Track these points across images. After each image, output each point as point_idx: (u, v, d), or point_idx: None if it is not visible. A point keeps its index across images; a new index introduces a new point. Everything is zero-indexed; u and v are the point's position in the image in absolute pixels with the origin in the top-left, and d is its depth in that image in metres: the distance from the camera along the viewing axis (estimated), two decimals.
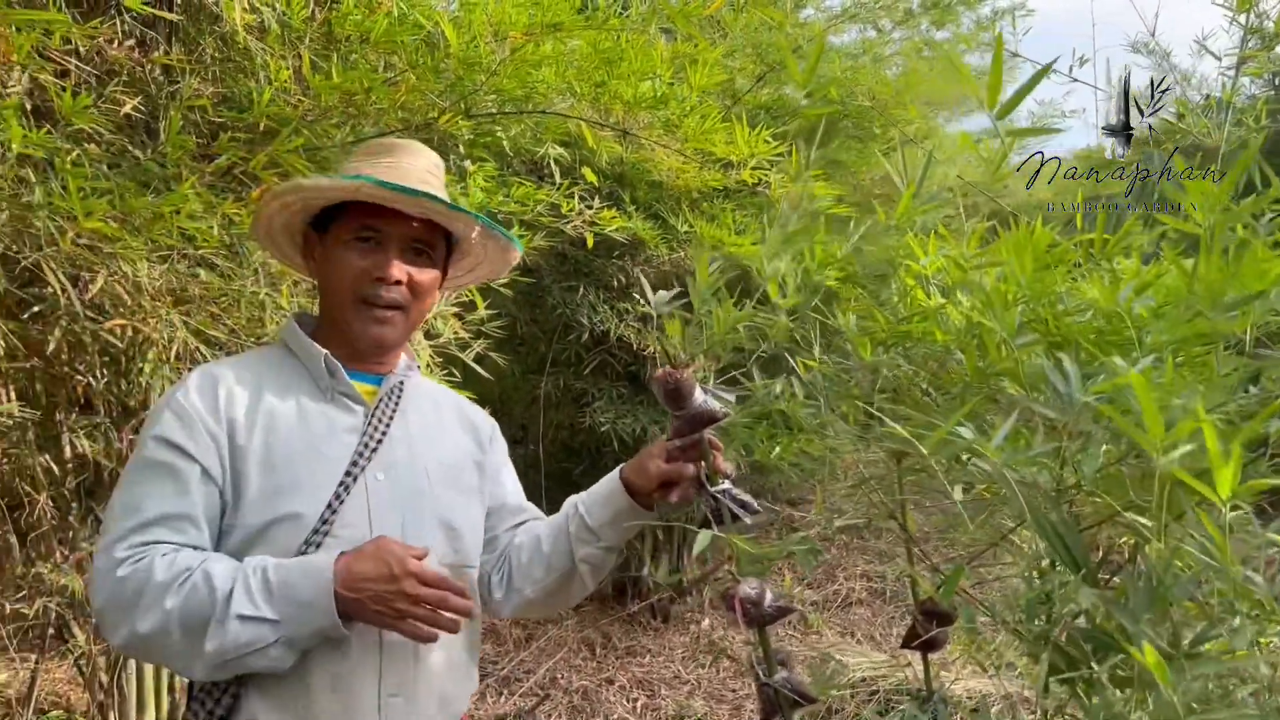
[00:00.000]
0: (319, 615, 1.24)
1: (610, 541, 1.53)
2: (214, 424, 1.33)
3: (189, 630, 1.20)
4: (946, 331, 1.34)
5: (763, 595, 1.29)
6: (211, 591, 1.21)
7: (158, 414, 1.34)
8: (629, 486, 1.50)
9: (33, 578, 2.48)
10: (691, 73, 2.48)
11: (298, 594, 1.24)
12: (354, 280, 1.42)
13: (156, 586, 1.20)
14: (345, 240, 1.43)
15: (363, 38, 2.47)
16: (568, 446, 5.33)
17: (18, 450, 2.29)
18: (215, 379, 1.38)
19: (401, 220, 1.42)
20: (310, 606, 1.24)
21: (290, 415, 1.37)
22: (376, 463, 1.39)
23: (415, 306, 1.47)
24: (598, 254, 4.38)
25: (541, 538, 1.57)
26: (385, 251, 1.43)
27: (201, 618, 1.20)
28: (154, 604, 1.20)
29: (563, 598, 1.61)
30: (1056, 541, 0.91)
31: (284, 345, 1.49)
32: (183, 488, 1.29)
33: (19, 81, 2.08)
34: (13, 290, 2.04)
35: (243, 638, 1.21)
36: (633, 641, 4.91)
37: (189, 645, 1.21)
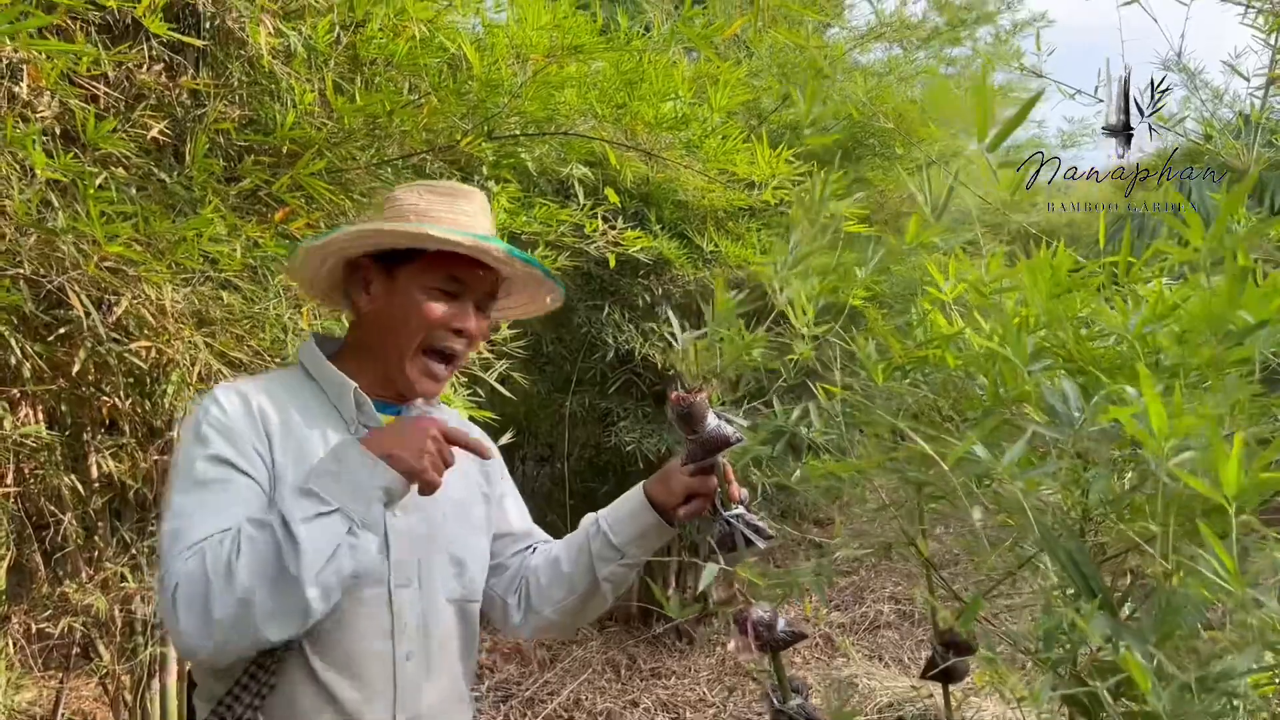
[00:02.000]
0: (371, 477, 1.22)
1: (634, 559, 1.52)
2: (256, 440, 1.32)
3: (268, 579, 1.15)
4: (963, 357, 1.32)
5: (775, 620, 1.28)
6: (265, 529, 1.17)
7: (199, 432, 1.31)
8: (654, 501, 1.49)
9: (59, 597, 2.50)
10: (713, 93, 2.48)
11: (340, 474, 1.22)
12: (430, 327, 1.40)
13: (217, 564, 1.16)
14: (428, 286, 1.41)
15: (387, 61, 2.49)
16: (593, 465, 5.33)
17: (44, 471, 2.32)
18: (246, 397, 1.36)
19: (483, 275, 1.43)
20: (356, 478, 1.22)
21: (317, 445, 1.35)
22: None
23: (464, 357, 1.49)
24: (623, 273, 4.38)
25: (560, 558, 1.56)
26: (465, 304, 1.43)
27: (273, 558, 1.16)
28: (225, 580, 1.15)
29: (583, 616, 1.60)
30: (1072, 569, 0.89)
31: (303, 369, 1.47)
32: (234, 501, 1.26)
33: (48, 106, 2.12)
34: (39, 313, 2.06)
35: (320, 541, 1.16)
36: (657, 663, 4.88)
37: (278, 596, 1.15)
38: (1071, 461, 1.14)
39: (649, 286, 4.56)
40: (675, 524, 1.50)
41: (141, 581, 2.57)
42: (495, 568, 1.59)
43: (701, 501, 1.43)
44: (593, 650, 4.96)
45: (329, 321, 2.51)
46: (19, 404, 2.26)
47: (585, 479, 5.31)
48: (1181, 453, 0.77)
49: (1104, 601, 0.88)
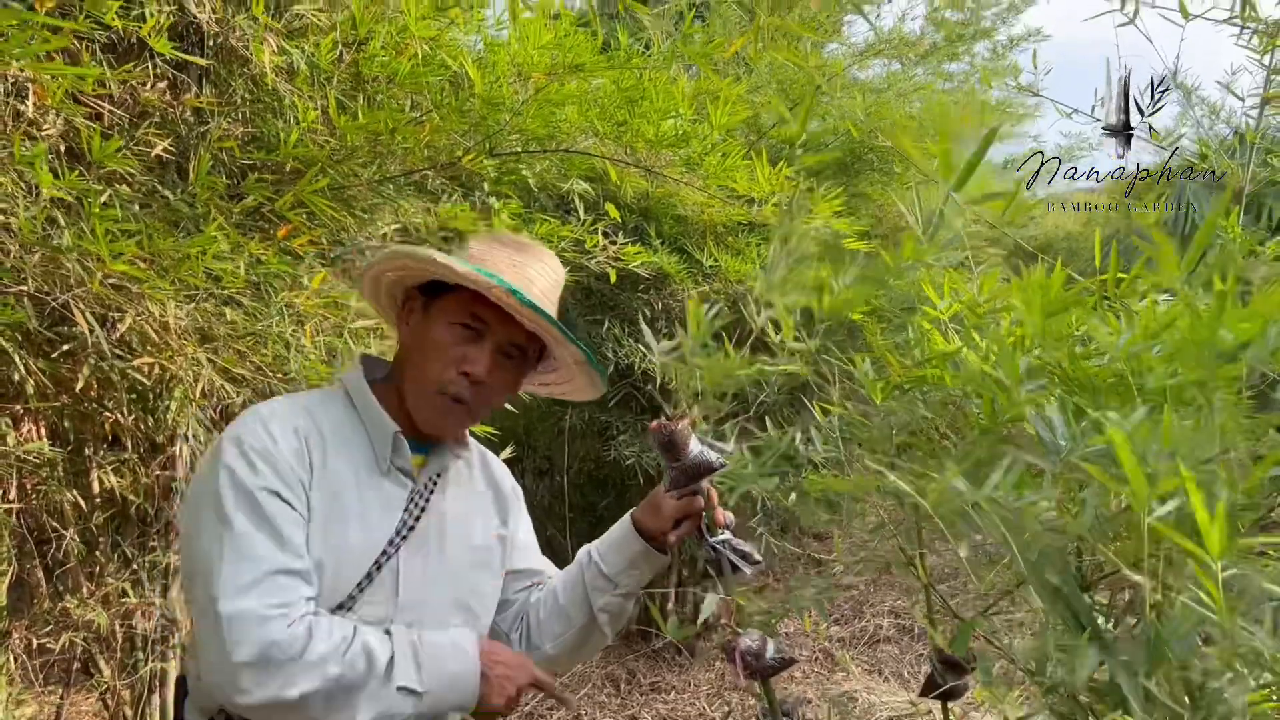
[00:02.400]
0: (461, 691, 1.30)
1: (628, 588, 1.52)
2: (302, 472, 1.32)
3: (334, 699, 1.21)
4: (959, 377, 1.34)
5: (764, 648, 1.28)
6: (370, 662, 1.24)
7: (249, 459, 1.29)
8: (641, 529, 1.50)
9: (60, 612, 2.51)
10: (713, 111, 2.50)
11: (446, 668, 1.30)
12: (442, 366, 1.40)
13: (318, 655, 1.20)
14: (448, 322, 1.41)
15: (389, 78, 2.51)
16: (593, 478, 5.33)
17: (46, 486, 2.33)
18: (293, 426, 1.36)
19: (510, 324, 1.40)
20: (455, 682, 1.30)
21: (349, 482, 1.36)
22: (412, 542, 1.40)
23: (483, 409, 1.45)
24: (622, 288, 4.40)
25: (557, 592, 1.57)
26: (483, 346, 1.41)
27: (355, 687, 1.22)
28: (315, 669, 1.20)
29: (583, 651, 1.60)
30: (1057, 602, 0.90)
31: (346, 397, 1.46)
32: (293, 540, 1.27)
33: (53, 124, 2.14)
34: (42, 330, 2.08)
35: (394, 707, 1.24)
36: (657, 678, 4.87)
37: (328, 714, 1.21)
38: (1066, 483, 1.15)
39: (649, 301, 4.57)
40: (665, 551, 1.50)
41: (142, 597, 2.57)
42: (501, 604, 1.60)
43: (689, 525, 1.44)
44: (592, 665, 4.95)
45: (331, 338, 2.53)
46: (22, 420, 2.27)
47: (585, 493, 5.31)
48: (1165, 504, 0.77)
49: (1093, 633, 0.88)
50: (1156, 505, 0.80)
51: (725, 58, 2.10)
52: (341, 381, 1.49)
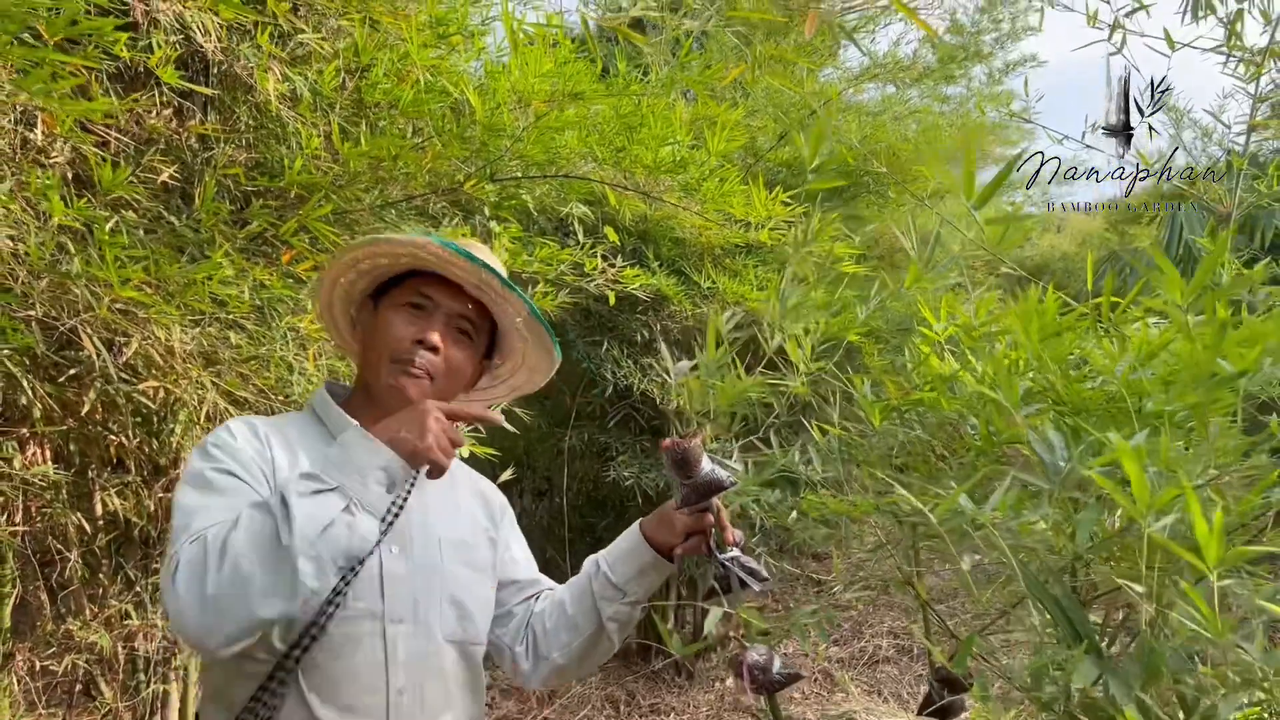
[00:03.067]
0: (369, 457, 1.22)
1: (636, 596, 1.53)
2: (263, 464, 1.35)
3: (263, 551, 1.14)
4: (956, 400, 1.36)
5: (771, 662, 1.30)
6: (263, 508, 1.18)
7: (206, 452, 1.34)
8: (651, 540, 1.51)
9: (63, 634, 2.51)
10: (710, 137, 2.54)
11: (340, 458, 1.22)
12: (395, 342, 1.44)
13: (215, 542, 1.16)
14: (397, 304, 1.47)
15: (392, 105, 2.55)
16: (592, 499, 5.34)
17: (51, 509, 2.34)
18: (254, 427, 1.41)
19: (454, 295, 1.46)
20: (353, 459, 1.22)
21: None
22: (393, 536, 1.40)
23: (444, 380, 1.48)
24: (621, 309, 4.43)
25: (565, 602, 1.57)
26: (431, 319, 1.46)
27: (268, 530, 1.15)
28: (220, 555, 1.14)
29: (591, 660, 1.60)
30: (1057, 614, 0.92)
31: (313, 413, 1.51)
32: (234, 500, 1.26)
33: (61, 152, 2.17)
34: (50, 354, 2.10)
35: (317, 515, 1.16)
36: (656, 699, 4.86)
37: (269, 565, 1.14)
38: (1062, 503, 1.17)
39: (647, 322, 4.60)
40: (674, 561, 1.52)
41: (145, 619, 2.58)
42: (502, 616, 1.61)
43: (696, 541, 1.46)
44: (592, 686, 4.95)
45: (333, 361, 2.55)
46: (28, 443, 2.29)
47: (584, 513, 5.32)
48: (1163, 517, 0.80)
49: (1091, 645, 0.91)
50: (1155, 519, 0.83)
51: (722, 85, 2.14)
52: (309, 403, 1.54)
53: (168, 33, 2.20)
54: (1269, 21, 1.84)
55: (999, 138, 6.31)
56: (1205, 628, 0.81)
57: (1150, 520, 0.79)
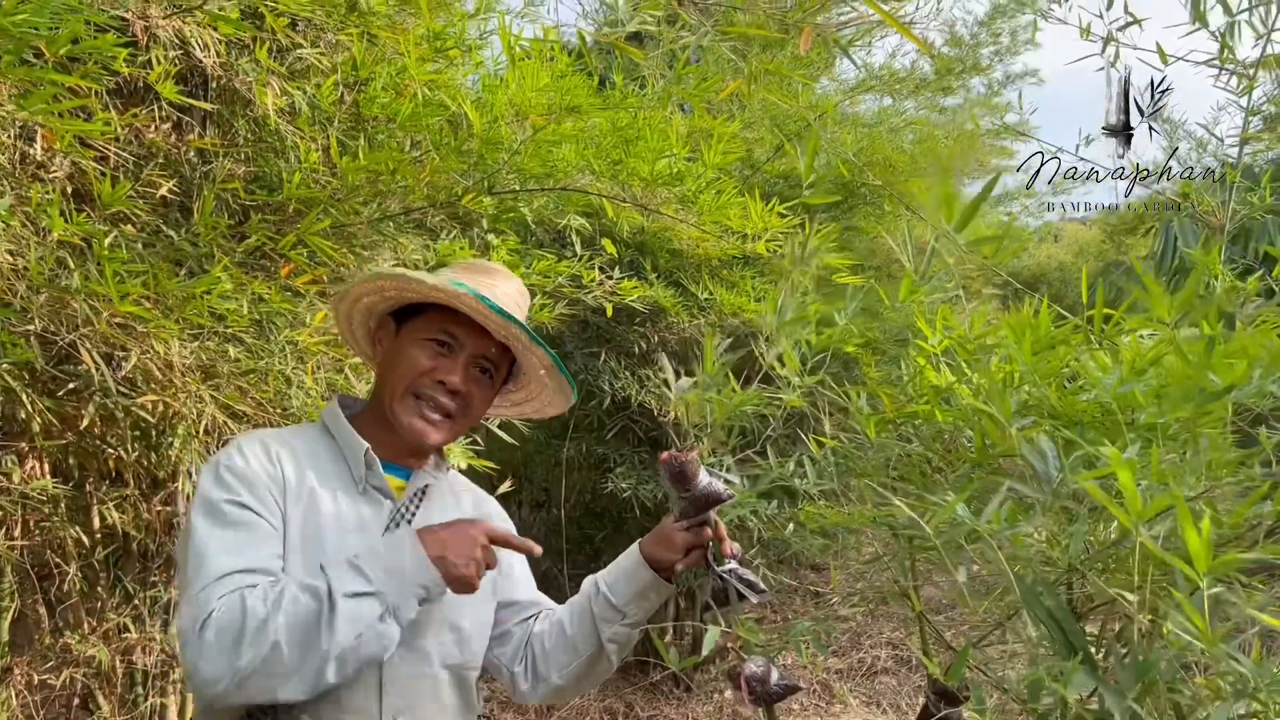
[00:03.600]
0: (413, 574, 1.26)
1: (636, 618, 1.54)
2: (273, 485, 1.37)
3: (297, 641, 1.20)
4: (950, 412, 1.37)
5: (768, 674, 1.31)
6: (312, 593, 1.22)
7: (220, 478, 1.35)
8: (650, 560, 1.52)
9: (61, 648, 2.51)
10: (706, 150, 2.55)
11: (388, 561, 1.26)
12: (416, 376, 1.45)
13: (256, 613, 1.20)
14: (421, 339, 1.47)
15: (390, 118, 2.56)
16: (590, 511, 5.34)
17: (50, 522, 2.34)
18: (267, 445, 1.42)
19: (481, 336, 1.47)
20: (401, 570, 1.26)
21: (328, 502, 1.40)
22: None
23: (463, 421, 1.50)
24: (619, 321, 4.44)
25: (564, 623, 1.58)
26: (455, 359, 1.47)
27: (310, 622, 1.20)
28: (259, 630, 1.19)
29: (590, 681, 1.61)
30: (1051, 626, 0.93)
31: (324, 428, 1.52)
32: (257, 541, 1.30)
33: (60, 167, 2.18)
34: (49, 368, 2.10)
35: (355, 618, 1.21)
36: (655, 711, 4.86)
37: (301, 658, 1.20)
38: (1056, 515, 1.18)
39: (645, 334, 4.61)
40: (673, 581, 1.52)
41: (143, 632, 2.58)
42: (500, 636, 1.61)
43: (696, 555, 1.46)
44: (590, 698, 4.94)
45: (332, 374, 2.56)
46: (27, 457, 2.29)
47: (582, 525, 5.32)
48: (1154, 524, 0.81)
49: (1085, 657, 0.91)
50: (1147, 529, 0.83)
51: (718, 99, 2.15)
52: (321, 416, 1.55)
53: (167, 48, 2.21)
54: (1260, 36, 1.85)
55: (995, 149, 6.33)
56: (1197, 637, 0.82)
57: (1142, 530, 0.80)
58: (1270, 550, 0.82)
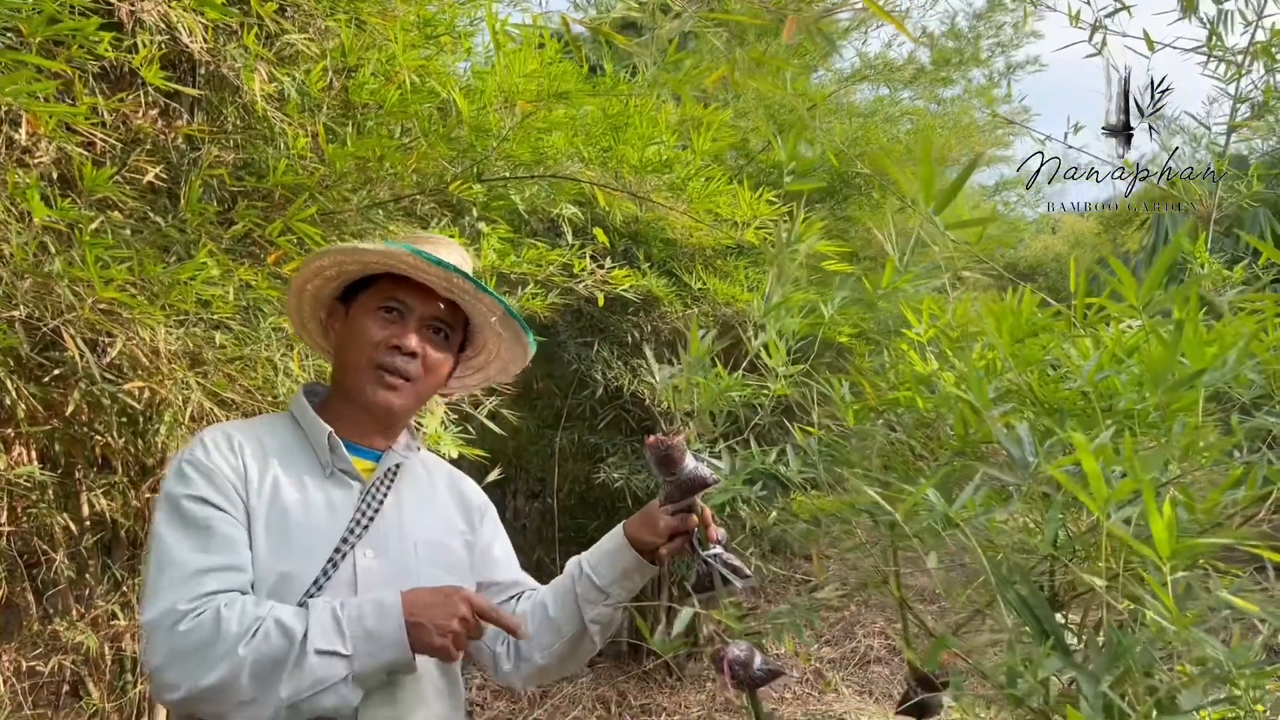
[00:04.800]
0: (389, 647, 1.27)
1: (619, 598, 1.53)
2: (235, 478, 1.37)
3: (260, 676, 1.21)
4: (932, 400, 1.37)
5: (752, 658, 1.31)
6: (286, 635, 1.23)
7: (182, 474, 1.37)
8: (634, 542, 1.52)
9: (49, 635, 2.51)
10: (695, 138, 2.54)
11: (368, 626, 1.27)
12: (372, 348, 1.46)
13: (229, 637, 1.21)
14: (370, 309, 1.48)
15: (379, 105, 2.55)
16: (584, 500, 5.35)
17: (37, 509, 2.34)
18: (230, 437, 1.43)
19: (427, 298, 1.48)
20: (381, 639, 1.27)
21: (292, 488, 1.40)
22: (366, 540, 1.41)
23: (425, 382, 1.50)
24: (613, 310, 4.43)
25: (547, 604, 1.58)
26: (406, 323, 1.47)
27: (276, 662, 1.22)
28: (227, 653, 1.20)
29: (573, 661, 1.61)
30: (1024, 612, 0.93)
31: (291, 416, 1.53)
32: (223, 540, 1.31)
33: (46, 151, 2.17)
34: (34, 355, 2.10)
35: (319, 672, 1.23)
36: (647, 699, 4.87)
37: (258, 691, 1.21)
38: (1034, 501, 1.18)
39: (638, 324, 4.61)
40: (656, 562, 1.52)
41: (132, 619, 2.58)
42: None
43: (681, 540, 1.46)
44: (582, 687, 4.95)
45: (319, 361, 2.55)
46: (13, 444, 2.29)
47: (574, 515, 5.32)
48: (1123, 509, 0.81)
49: (1057, 642, 0.91)
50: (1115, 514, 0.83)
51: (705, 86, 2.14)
52: (290, 405, 1.56)
53: (153, 33, 2.19)
54: (1249, 23, 1.85)
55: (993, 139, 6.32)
56: (1169, 621, 0.82)
57: (1111, 515, 0.80)
58: (1235, 535, 0.82)
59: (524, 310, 3.00)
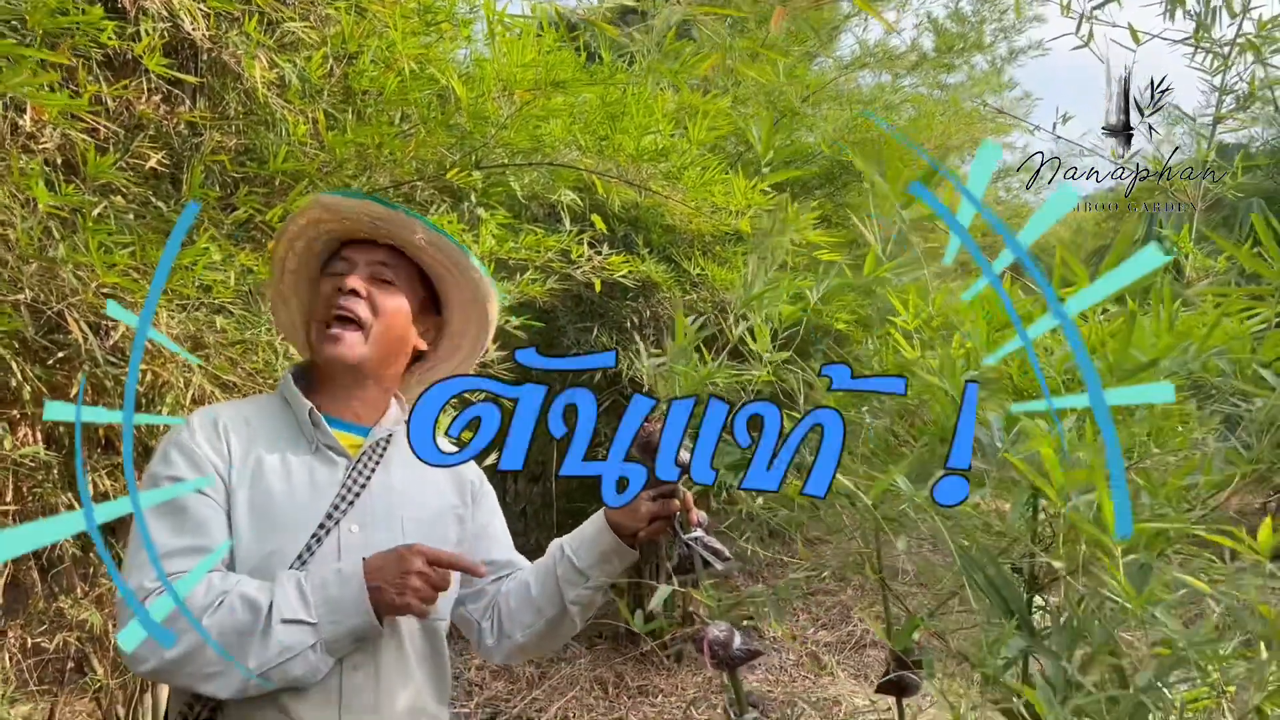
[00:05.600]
0: (353, 614, 1.32)
1: (598, 581, 1.58)
2: (218, 459, 1.42)
3: (227, 647, 1.26)
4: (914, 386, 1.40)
5: (731, 638, 1.35)
6: (252, 608, 1.28)
7: (165, 454, 1.42)
8: (614, 526, 1.56)
9: (54, 613, 2.56)
10: (691, 127, 2.57)
11: (330, 594, 1.32)
12: (323, 304, 1.51)
13: (193, 610, 1.26)
14: (324, 275, 1.55)
15: (379, 92, 2.58)
16: (583, 484, 5.39)
17: (41, 489, 2.38)
18: (215, 419, 1.47)
19: (367, 247, 1.54)
20: (343, 605, 1.32)
21: (275, 465, 1.44)
22: (352, 516, 1.45)
23: (378, 325, 1.51)
24: (612, 295, 4.46)
25: (529, 583, 1.62)
26: (351, 272, 1.52)
27: (241, 633, 1.27)
28: (189, 627, 1.24)
29: (552, 640, 1.66)
30: (991, 594, 0.97)
31: (281, 396, 1.57)
32: (197, 521, 1.36)
33: (50, 138, 2.20)
34: (39, 338, 2.14)
35: (287, 641, 1.28)
36: (645, 681, 4.93)
37: (225, 663, 1.26)
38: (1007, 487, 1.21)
39: (637, 309, 4.64)
40: (635, 547, 1.56)
41: None
42: (474, 594, 1.66)
43: (662, 524, 1.50)
44: (581, 668, 5.01)
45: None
46: (18, 425, 2.33)
47: (573, 498, 5.37)
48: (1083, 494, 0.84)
49: (1022, 622, 0.95)
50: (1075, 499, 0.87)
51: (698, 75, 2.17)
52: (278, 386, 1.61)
53: (155, 20, 2.22)
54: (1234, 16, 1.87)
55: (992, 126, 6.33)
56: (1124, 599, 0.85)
57: (1070, 500, 0.84)
58: (1179, 520, 0.85)
59: (523, 295, 3.03)
